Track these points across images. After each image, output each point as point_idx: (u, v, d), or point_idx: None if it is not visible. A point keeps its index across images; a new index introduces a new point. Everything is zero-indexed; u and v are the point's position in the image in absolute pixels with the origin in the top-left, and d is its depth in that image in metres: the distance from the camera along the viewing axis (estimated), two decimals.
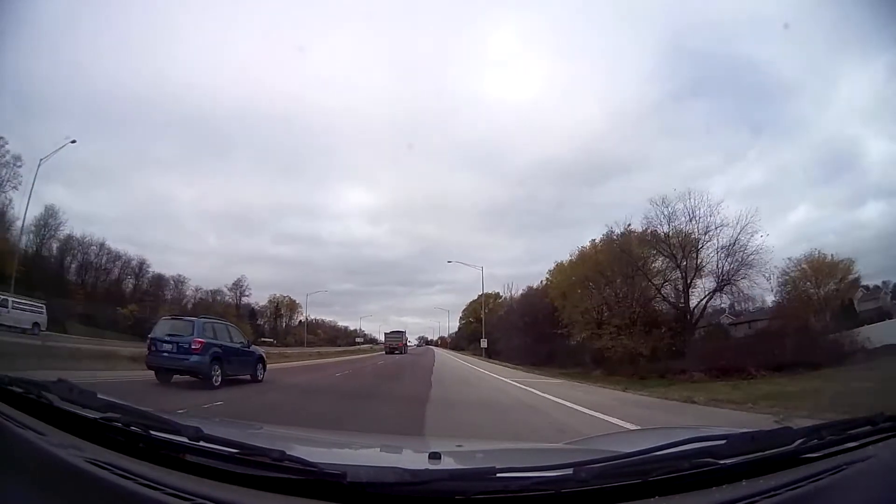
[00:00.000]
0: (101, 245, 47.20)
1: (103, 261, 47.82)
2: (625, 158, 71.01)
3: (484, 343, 40.63)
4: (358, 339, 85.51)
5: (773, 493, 1.12)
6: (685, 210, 24.88)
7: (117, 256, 49.24)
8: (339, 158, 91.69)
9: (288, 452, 1.14)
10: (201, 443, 1.18)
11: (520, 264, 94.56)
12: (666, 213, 25.70)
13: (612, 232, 28.98)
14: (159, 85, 70.03)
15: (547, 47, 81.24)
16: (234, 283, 65.20)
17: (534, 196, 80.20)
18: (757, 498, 1.10)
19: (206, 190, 75.48)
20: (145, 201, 67.07)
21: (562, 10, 66.44)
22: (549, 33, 76.07)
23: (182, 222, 71.62)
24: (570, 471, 1.12)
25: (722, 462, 1.19)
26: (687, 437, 1.31)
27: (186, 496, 1.04)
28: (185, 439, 1.20)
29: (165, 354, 10.70)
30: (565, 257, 36.62)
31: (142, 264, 51.09)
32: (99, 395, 1.42)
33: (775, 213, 48.86)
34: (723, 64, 53.63)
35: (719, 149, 58.31)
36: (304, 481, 1.10)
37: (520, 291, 47.78)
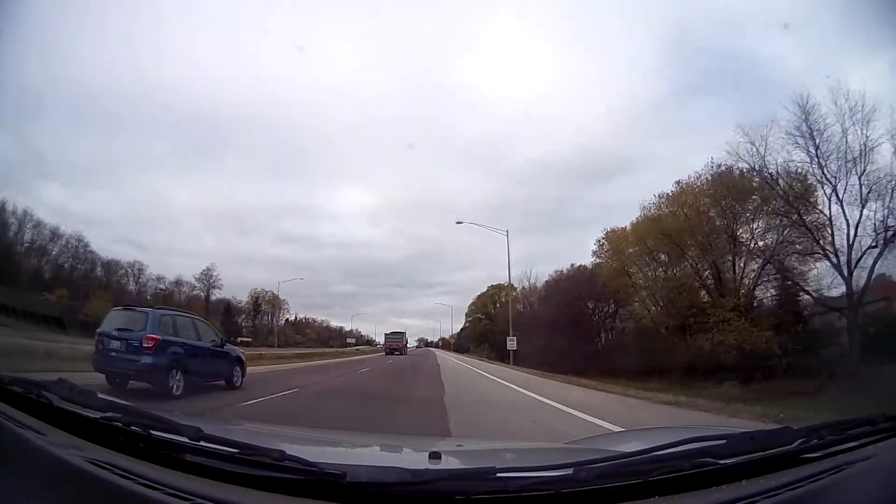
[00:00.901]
0: (26, 214, 37.10)
1: (31, 236, 37.92)
2: (628, 157, 70.07)
3: (512, 344, 27.77)
4: (349, 341, 78.45)
5: (773, 492, 1.12)
6: (839, 116, 15.81)
7: (55, 234, 39.13)
8: (338, 157, 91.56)
9: (288, 452, 1.14)
10: (201, 443, 1.18)
11: (521, 266, 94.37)
12: (807, 123, 16.23)
13: (718, 166, 18.65)
14: (155, 82, 69.54)
15: (551, 41, 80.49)
16: (201, 273, 55.95)
17: (535, 196, 79.63)
18: (757, 498, 1.10)
19: (204, 190, 75.10)
20: (143, 202, 66.01)
21: (566, 3, 65.61)
22: (552, 27, 75.21)
23: (180, 223, 70.83)
24: (570, 471, 1.12)
25: (722, 462, 1.19)
26: (687, 437, 1.31)
27: (186, 496, 1.04)
28: (185, 439, 1.20)
29: (113, 354, 8.54)
30: (596, 240, 27.13)
31: (80, 241, 41.60)
32: (99, 395, 1.42)
33: None
34: (728, 60, 52.35)
35: (724, 148, 57.45)
36: (304, 481, 1.10)
37: (544, 279, 39.20)
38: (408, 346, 57.69)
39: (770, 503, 1.10)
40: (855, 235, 16.20)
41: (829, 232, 16.57)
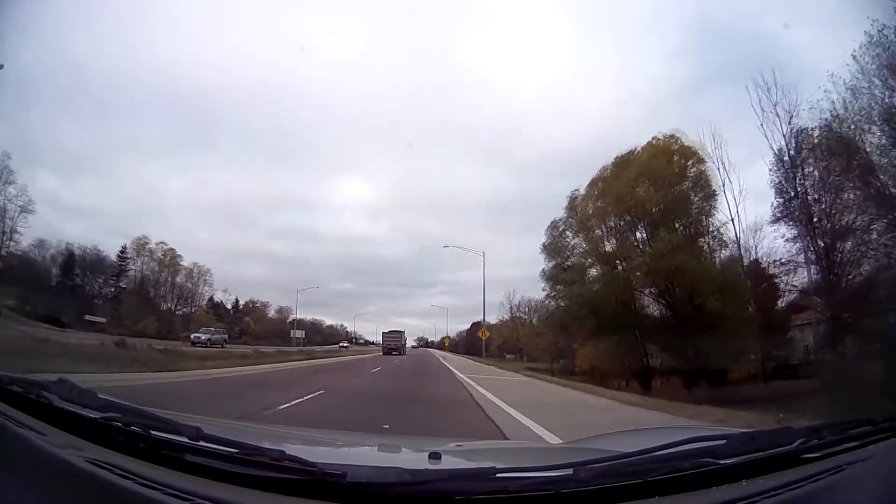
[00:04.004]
0: None
1: None
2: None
3: None
4: (296, 336, 52.97)
5: (773, 492, 1.12)
6: None
7: None
8: (336, 146, 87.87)
9: (288, 452, 1.14)
10: (201, 443, 1.18)
11: (527, 265, 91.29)
12: None
13: None
14: (146, 67, 65.03)
15: (564, 23, 76.51)
16: None
17: (543, 190, 75.29)
18: (757, 498, 1.10)
19: (197, 180, 71.00)
20: (135, 191, 61.22)
21: None
22: (565, 8, 71.67)
23: (173, 215, 65.94)
24: (570, 471, 1.12)
25: (722, 462, 1.20)
26: (687, 437, 1.31)
27: (186, 496, 1.04)
28: (185, 439, 1.20)
29: None
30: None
31: None
32: (99, 395, 1.42)
33: None
34: (750, 46, 47.92)
35: (742, 140, 50.37)
36: (304, 481, 1.10)
37: None
38: (405, 346, 53.72)
39: (770, 503, 1.10)
40: None
41: None
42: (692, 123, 58.15)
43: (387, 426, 6.08)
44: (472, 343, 62.38)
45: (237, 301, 58.28)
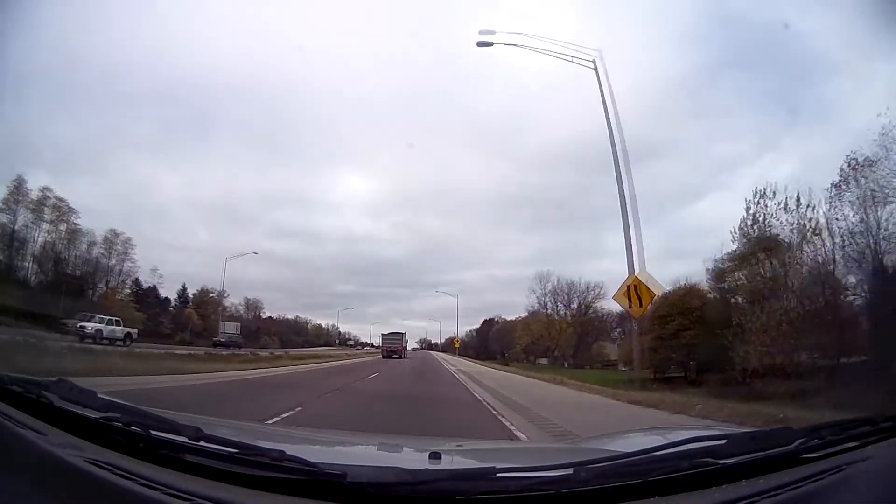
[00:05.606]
0: None
1: None
2: (652, 140, 59.10)
3: None
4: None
5: (773, 492, 1.12)
6: None
7: None
8: (337, 142, 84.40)
9: (288, 452, 1.14)
10: (201, 443, 1.18)
11: (533, 264, 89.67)
12: None
13: None
14: (139, 58, 61.18)
15: (569, 9, 74.74)
16: None
17: (550, 184, 70.62)
18: (757, 498, 1.10)
19: (194, 177, 68.04)
20: (129, 189, 58.23)
21: None
22: None
23: (169, 213, 62.87)
24: (570, 471, 1.12)
25: (722, 462, 1.20)
26: (687, 437, 1.31)
27: (186, 496, 1.04)
28: (185, 439, 1.20)
29: None
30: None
31: None
32: (99, 395, 1.42)
33: None
34: (760, 32, 45.76)
35: (753, 132, 50.69)
36: (305, 481, 1.10)
37: None
38: (407, 348, 50.70)
39: (770, 503, 1.10)
40: None
41: None
42: (697, 118, 57.33)
43: None
44: (483, 343, 51.74)
45: (184, 289, 45.67)
